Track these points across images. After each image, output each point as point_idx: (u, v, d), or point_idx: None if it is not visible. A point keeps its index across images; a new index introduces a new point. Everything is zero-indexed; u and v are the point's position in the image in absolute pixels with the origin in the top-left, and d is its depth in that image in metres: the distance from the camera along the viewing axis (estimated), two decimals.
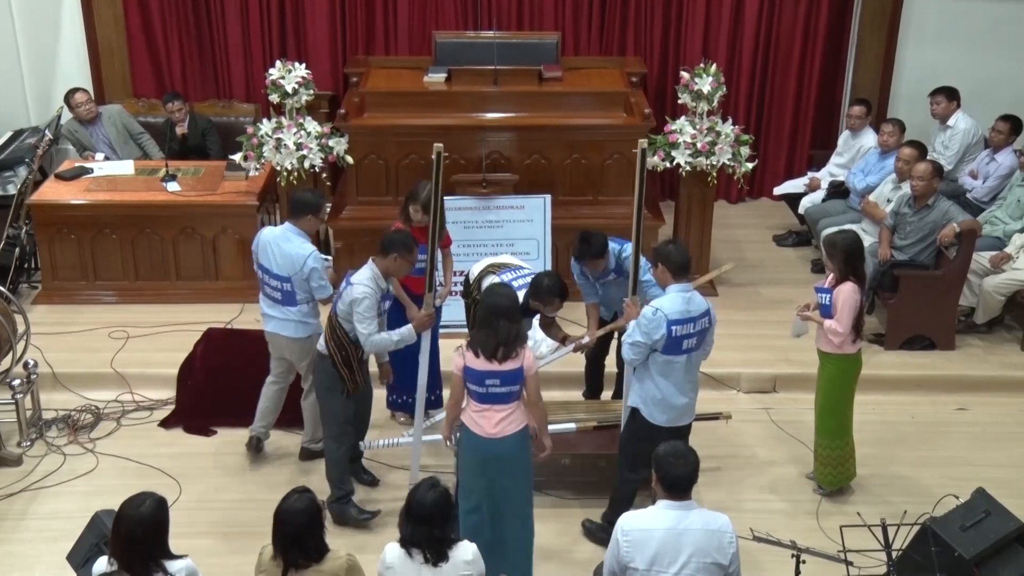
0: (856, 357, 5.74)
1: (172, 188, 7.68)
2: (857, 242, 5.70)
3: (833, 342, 5.62)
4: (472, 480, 5.05)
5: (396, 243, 5.39)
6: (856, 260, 5.63)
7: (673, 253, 5.15)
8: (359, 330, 5.31)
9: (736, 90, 9.08)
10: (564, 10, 9.06)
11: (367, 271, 5.37)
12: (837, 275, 5.65)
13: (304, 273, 5.70)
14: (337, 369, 5.44)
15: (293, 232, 5.78)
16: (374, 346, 5.38)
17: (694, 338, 5.14)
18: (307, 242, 5.77)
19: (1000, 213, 7.60)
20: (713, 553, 4.04)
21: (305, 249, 5.72)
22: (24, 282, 7.90)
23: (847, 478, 5.97)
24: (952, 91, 8.29)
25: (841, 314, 5.55)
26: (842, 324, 5.55)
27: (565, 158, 7.69)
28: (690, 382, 5.26)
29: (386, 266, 5.39)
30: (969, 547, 4.61)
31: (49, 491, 5.98)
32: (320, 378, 5.57)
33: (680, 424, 5.27)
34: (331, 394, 5.53)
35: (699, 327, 5.13)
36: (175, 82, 9.11)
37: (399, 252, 5.37)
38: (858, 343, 5.69)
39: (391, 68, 8.54)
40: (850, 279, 5.59)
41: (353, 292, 5.31)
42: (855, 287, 5.58)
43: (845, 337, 5.58)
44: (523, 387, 4.96)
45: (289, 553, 3.97)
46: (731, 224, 8.95)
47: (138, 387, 6.82)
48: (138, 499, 3.93)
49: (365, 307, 5.29)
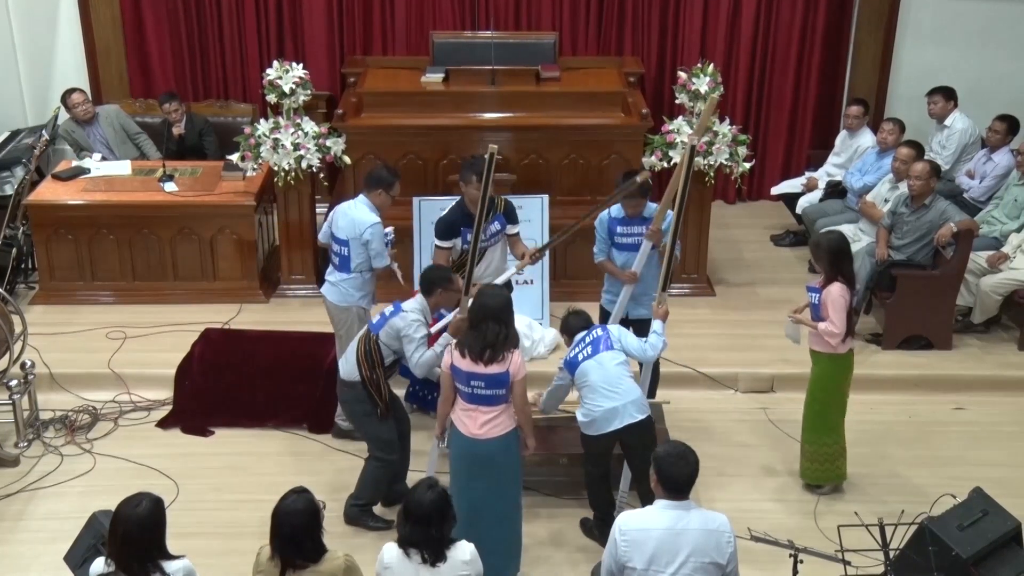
0: (847, 357, 5.76)
1: (169, 188, 7.68)
2: (843, 242, 5.71)
3: (829, 343, 5.62)
4: (458, 479, 5.09)
5: (433, 280, 5.47)
6: (842, 260, 5.64)
7: (568, 322, 5.50)
8: (409, 354, 5.38)
9: (734, 90, 9.09)
10: (562, 10, 9.07)
11: (416, 303, 5.45)
12: (824, 276, 5.67)
13: (362, 239, 5.94)
14: (367, 390, 5.46)
15: (364, 202, 6.07)
16: (424, 366, 5.41)
17: (588, 347, 5.29)
18: (374, 213, 6.01)
19: (997, 213, 7.61)
20: (711, 553, 4.04)
21: (370, 218, 5.97)
22: (21, 282, 7.89)
23: (838, 476, 5.97)
24: (949, 91, 8.30)
25: (834, 315, 5.57)
26: (837, 325, 5.57)
27: (563, 158, 7.70)
28: (609, 390, 5.21)
29: (434, 303, 5.50)
30: (967, 546, 4.61)
31: (46, 492, 5.98)
32: (354, 408, 5.60)
33: (611, 429, 5.22)
34: (369, 419, 5.56)
35: (589, 339, 5.31)
36: (172, 82, 9.10)
37: (442, 287, 5.46)
38: (848, 343, 5.71)
39: (389, 68, 8.55)
40: (838, 280, 5.61)
41: (405, 319, 5.36)
42: (843, 287, 5.60)
43: (840, 337, 5.60)
44: (509, 391, 4.98)
45: (287, 553, 3.97)
46: (729, 224, 8.96)
47: (136, 387, 6.81)
48: (135, 499, 3.93)
49: (417, 332, 5.36)
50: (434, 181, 7.69)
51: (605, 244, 6.07)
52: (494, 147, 5.45)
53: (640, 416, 5.24)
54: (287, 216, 7.72)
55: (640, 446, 5.17)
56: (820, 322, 5.64)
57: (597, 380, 5.21)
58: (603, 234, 6.07)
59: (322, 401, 6.49)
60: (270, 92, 7.32)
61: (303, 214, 7.72)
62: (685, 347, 6.91)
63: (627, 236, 5.99)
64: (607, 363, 5.23)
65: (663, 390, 6.31)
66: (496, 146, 5.50)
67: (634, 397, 5.24)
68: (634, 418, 5.22)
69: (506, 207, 6.26)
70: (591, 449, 5.39)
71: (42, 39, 9.08)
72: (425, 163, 7.69)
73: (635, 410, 5.22)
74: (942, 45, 9.04)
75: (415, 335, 5.36)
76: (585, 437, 5.36)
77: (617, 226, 6.03)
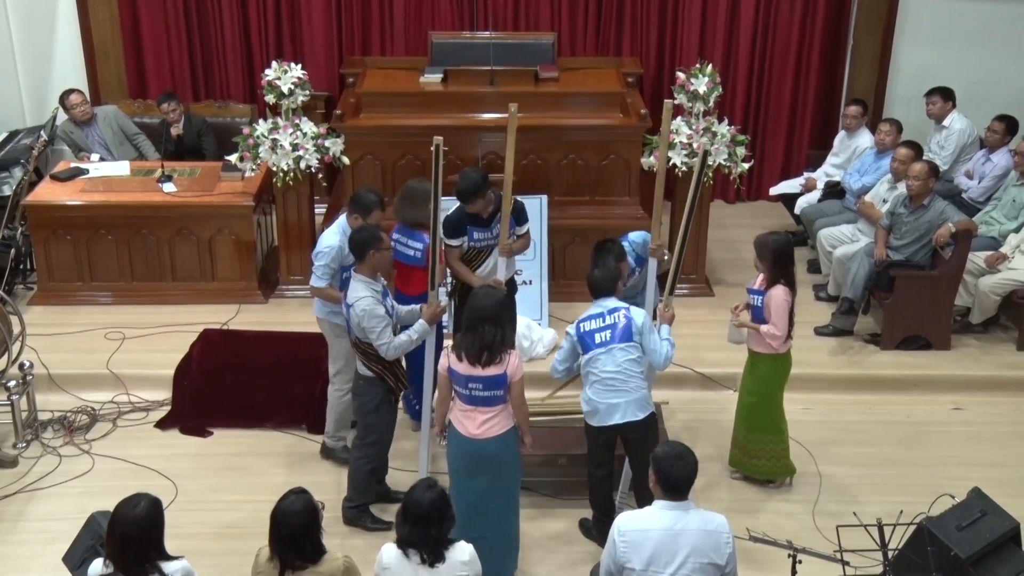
0: (787, 356, 5.82)
1: (168, 189, 7.67)
2: (787, 244, 5.75)
3: (771, 345, 5.68)
4: (457, 479, 5.09)
5: (364, 242, 5.29)
6: (786, 262, 5.68)
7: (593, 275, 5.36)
8: (377, 344, 5.27)
9: (732, 90, 9.09)
10: (560, 11, 9.07)
11: (357, 285, 5.28)
12: (767, 277, 5.69)
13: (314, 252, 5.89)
14: (384, 381, 5.43)
15: (339, 223, 5.93)
16: (395, 350, 5.32)
17: (607, 331, 5.21)
18: (338, 236, 5.83)
19: (995, 213, 7.61)
20: (710, 553, 4.04)
21: (331, 240, 5.83)
22: (20, 283, 7.88)
23: (789, 471, 6.04)
24: (948, 91, 8.30)
25: (776, 318, 5.62)
26: (779, 328, 5.63)
27: (561, 158, 7.70)
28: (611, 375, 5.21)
29: (371, 268, 5.31)
30: (965, 547, 4.61)
31: (45, 492, 5.98)
32: (365, 401, 5.54)
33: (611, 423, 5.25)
34: (376, 416, 5.52)
35: (611, 320, 5.22)
36: (171, 83, 9.10)
37: (373, 247, 5.27)
38: (789, 343, 5.75)
39: (387, 69, 8.54)
40: (781, 282, 5.64)
41: (355, 312, 5.24)
42: (786, 290, 5.64)
43: (783, 339, 5.66)
44: (508, 391, 4.98)
45: (286, 554, 3.97)
46: (728, 224, 8.96)
47: (134, 388, 6.81)
48: (133, 500, 3.93)
49: (373, 322, 5.22)
50: None
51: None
52: (439, 139, 5.37)
53: (642, 415, 5.25)
54: (286, 217, 7.71)
55: (642, 443, 5.19)
56: (763, 324, 5.67)
57: (605, 372, 5.20)
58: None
59: (320, 401, 6.46)
60: (269, 92, 7.31)
61: (302, 215, 7.71)
62: (684, 347, 6.85)
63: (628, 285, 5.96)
64: (619, 357, 5.21)
65: (662, 390, 6.31)
66: (441, 138, 5.39)
67: (638, 396, 5.26)
68: (636, 416, 5.23)
69: (515, 206, 6.24)
70: (595, 440, 5.37)
71: (40, 40, 9.08)
72: (424, 164, 7.65)
73: (637, 408, 5.23)
74: (941, 45, 9.04)
75: (372, 324, 5.21)
76: (588, 427, 5.36)
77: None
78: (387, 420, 5.58)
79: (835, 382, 7.00)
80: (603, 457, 5.45)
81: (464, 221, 6.14)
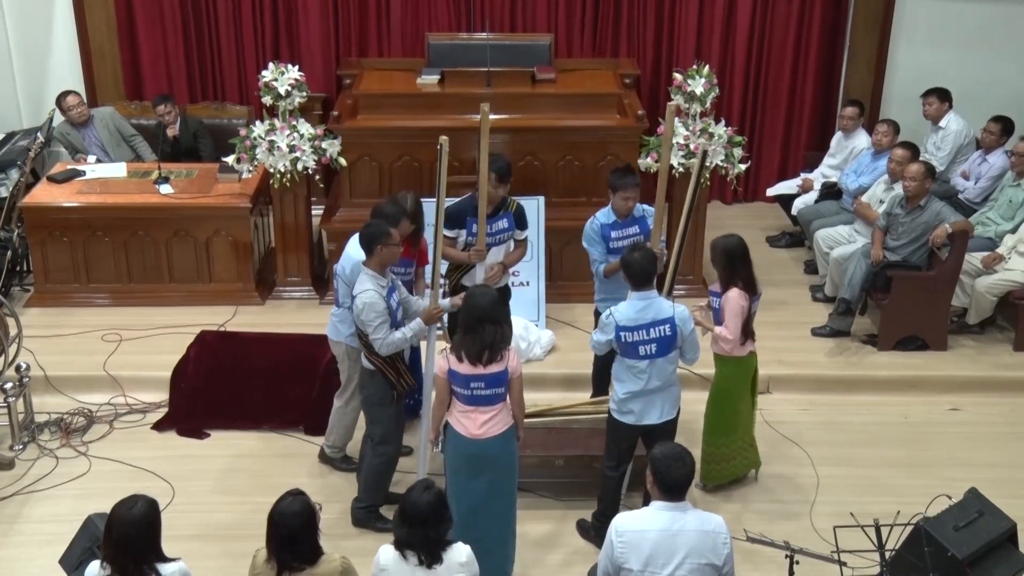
0: (748, 360, 5.79)
1: (165, 190, 7.67)
2: (739, 246, 5.69)
3: (723, 348, 5.67)
4: (457, 480, 5.08)
5: (373, 236, 5.27)
6: (738, 264, 5.64)
7: (635, 263, 5.17)
8: (372, 338, 5.25)
9: (729, 91, 9.10)
10: (557, 12, 9.07)
11: (364, 279, 5.28)
12: (720, 279, 5.69)
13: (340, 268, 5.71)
14: (386, 377, 5.42)
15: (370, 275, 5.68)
16: (389, 347, 5.30)
17: (652, 344, 5.16)
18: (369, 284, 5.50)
19: (992, 214, 7.62)
20: (707, 554, 4.04)
21: (356, 254, 5.56)
22: (16, 285, 7.88)
23: (731, 475, 6.00)
24: (944, 92, 8.31)
25: (729, 321, 5.61)
26: (730, 331, 5.62)
27: (558, 160, 7.70)
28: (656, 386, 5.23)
29: (379, 262, 5.30)
30: (962, 547, 4.62)
31: (42, 495, 5.97)
32: (370, 394, 5.54)
33: (646, 423, 5.28)
34: (382, 409, 5.51)
35: (656, 334, 5.16)
36: (167, 84, 9.09)
37: (382, 243, 5.26)
38: (748, 346, 5.73)
39: (384, 70, 8.53)
40: (735, 285, 5.61)
41: (357, 304, 5.24)
42: (741, 293, 5.61)
43: (735, 343, 5.64)
44: (508, 388, 4.99)
45: (283, 556, 3.97)
46: (725, 225, 8.85)
47: (131, 390, 6.80)
48: (130, 501, 3.92)
49: (372, 316, 5.21)
50: (430, 183, 7.66)
51: (601, 252, 6.02)
52: (444, 138, 5.40)
53: (675, 412, 5.36)
54: (283, 218, 7.71)
55: (671, 437, 5.24)
56: (718, 326, 5.68)
57: (647, 380, 5.21)
58: (597, 242, 6.01)
59: (318, 403, 6.48)
60: (266, 94, 7.31)
61: (299, 216, 7.71)
62: None
63: (622, 239, 5.98)
64: (663, 368, 5.24)
65: None
66: (446, 138, 5.43)
67: (675, 394, 5.35)
68: (671, 415, 5.33)
69: (517, 209, 6.21)
70: (623, 437, 5.36)
71: (37, 41, 9.07)
72: (421, 165, 7.68)
73: (672, 407, 5.34)
74: (937, 47, 9.05)
75: (369, 318, 5.20)
76: (617, 424, 5.33)
77: (611, 231, 6.02)
78: (390, 414, 5.55)
79: (832, 383, 7.00)
80: (627, 455, 5.46)
81: (466, 213, 6.10)
